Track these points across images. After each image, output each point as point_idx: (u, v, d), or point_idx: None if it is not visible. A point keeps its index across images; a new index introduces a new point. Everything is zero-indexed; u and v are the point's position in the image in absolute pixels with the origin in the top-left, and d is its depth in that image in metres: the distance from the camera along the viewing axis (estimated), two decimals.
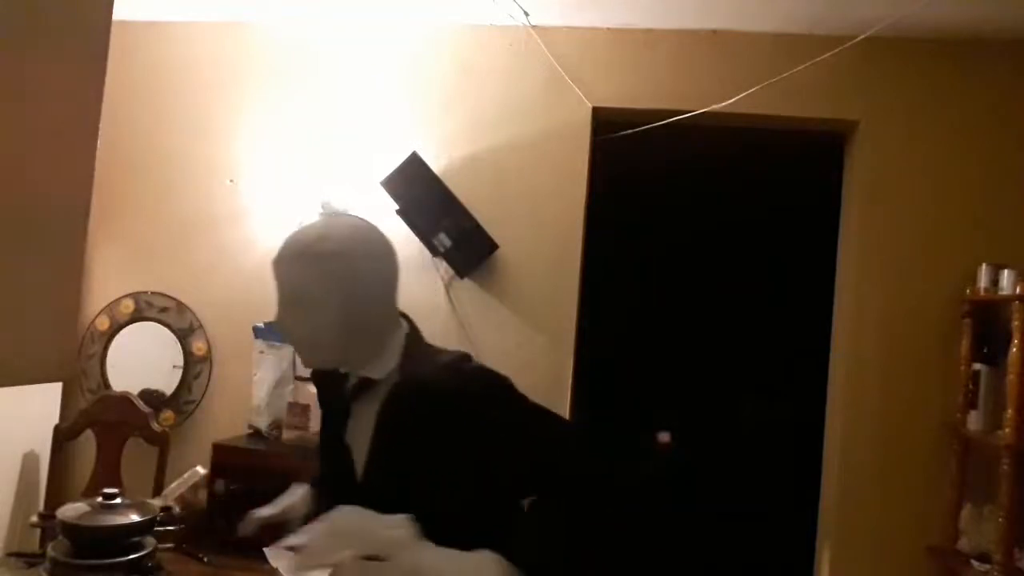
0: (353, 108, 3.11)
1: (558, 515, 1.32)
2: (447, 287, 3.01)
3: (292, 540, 1.22)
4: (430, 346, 1.41)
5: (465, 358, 1.37)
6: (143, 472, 2.78)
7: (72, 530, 1.73)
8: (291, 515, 1.51)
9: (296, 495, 1.56)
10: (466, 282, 3.00)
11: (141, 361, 3.20)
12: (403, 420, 1.31)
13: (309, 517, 1.50)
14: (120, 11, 1.09)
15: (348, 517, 1.19)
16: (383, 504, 1.27)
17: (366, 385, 1.37)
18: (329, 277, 1.29)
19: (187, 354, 3.18)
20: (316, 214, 3.04)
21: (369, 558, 1.16)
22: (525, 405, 1.34)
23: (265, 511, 1.50)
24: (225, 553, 2.04)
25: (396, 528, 1.17)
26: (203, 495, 2.66)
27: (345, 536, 1.17)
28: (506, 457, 1.28)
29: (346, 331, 1.32)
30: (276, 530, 1.48)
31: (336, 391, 1.44)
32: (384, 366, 1.35)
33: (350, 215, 1.42)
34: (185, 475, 2.36)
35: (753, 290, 4.73)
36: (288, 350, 2.92)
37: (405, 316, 1.43)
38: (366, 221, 1.38)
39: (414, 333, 1.41)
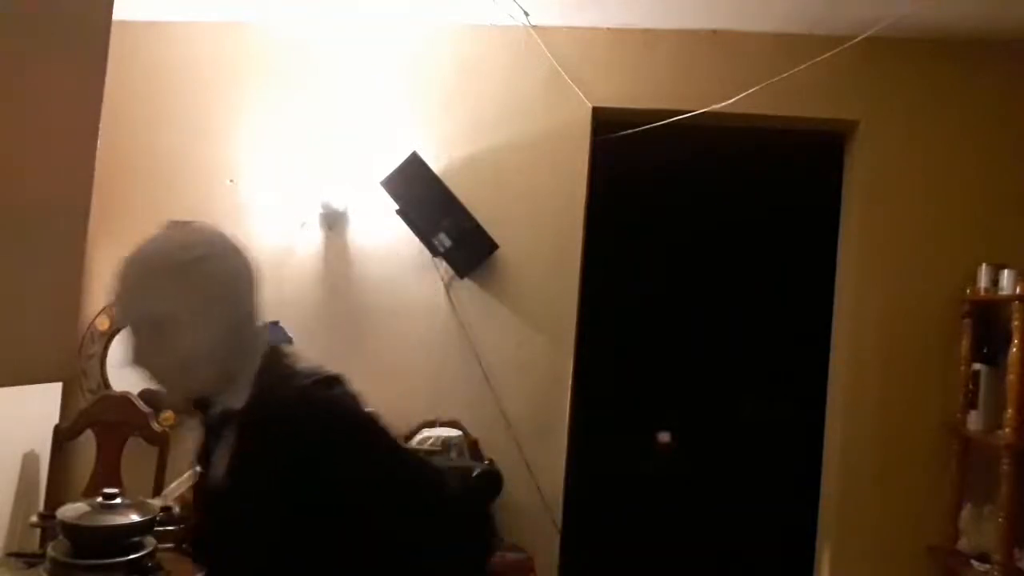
0: (353, 108, 3.11)
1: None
2: (447, 287, 3.01)
3: None
4: (288, 367, 1.20)
5: (324, 383, 1.16)
6: (143, 472, 2.78)
7: (72, 530, 1.73)
8: None
9: None
10: (466, 282, 3.00)
11: None
12: (243, 458, 1.14)
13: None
14: (120, 11, 1.09)
15: None
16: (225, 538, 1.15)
17: (228, 417, 1.17)
18: (198, 287, 1.12)
19: None
20: (319, 214, 3.05)
21: None
22: (369, 451, 1.14)
23: None
24: None
25: None
26: None
27: None
28: (336, 504, 1.10)
29: (216, 347, 1.14)
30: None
31: (206, 425, 1.24)
32: (242, 393, 1.16)
33: (196, 222, 1.26)
34: (185, 475, 2.36)
35: (753, 290, 4.73)
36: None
37: (274, 323, 1.30)
38: (214, 227, 1.22)
39: (273, 351, 1.21)
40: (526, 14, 2.91)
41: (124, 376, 3.17)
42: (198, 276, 1.13)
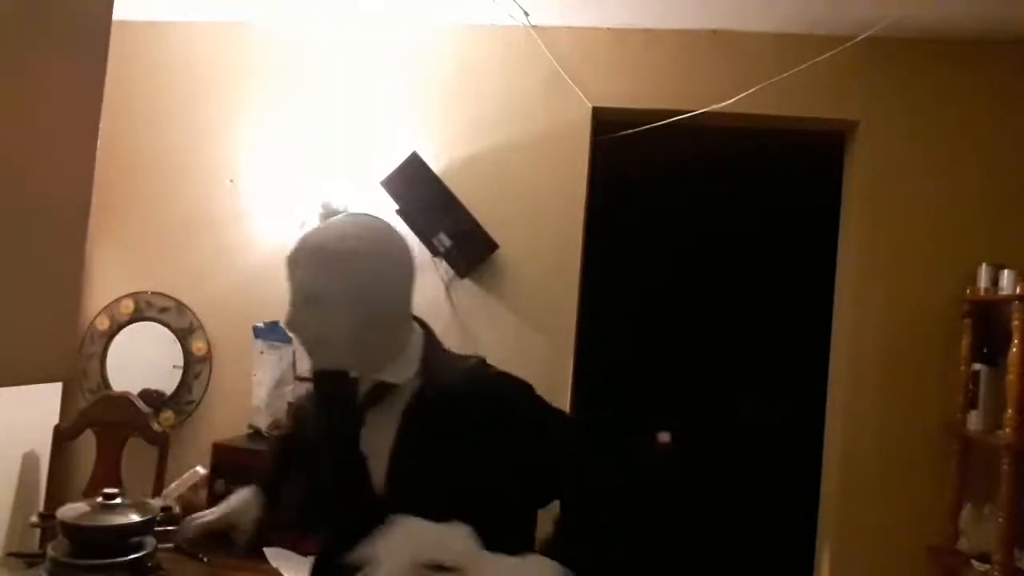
0: (353, 108, 3.11)
1: (592, 516, 1.28)
2: (447, 287, 3.01)
3: (357, 554, 1.13)
4: (447, 350, 1.39)
5: (484, 363, 1.36)
6: (143, 472, 2.78)
7: (72, 530, 1.73)
8: (234, 521, 1.50)
9: (239, 500, 1.54)
10: (466, 282, 3.00)
11: (141, 361, 3.20)
12: (434, 427, 1.28)
13: (256, 523, 1.48)
14: (120, 11, 1.09)
15: (413, 527, 1.13)
16: (408, 513, 1.21)
17: (382, 390, 1.32)
18: (345, 276, 1.26)
19: (187, 354, 3.18)
20: (319, 214, 3.05)
21: (434, 568, 1.10)
22: (548, 408, 1.34)
23: (207, 517, 1.50)
24: (225, 553, 2.04)
25: (463, 538, 1.12)
26: (203, 495, 2.66)
27: (413, 546, 1.10)
28: (535, 461, 1.28)
29: (360, 331, 1.28)
30: (220, 535, 1.47)
31: (343, 397, 1.37)
32: (403, 371, 1.32)
33: (370, 215, 1.38)
34: (185, 475, 2.37)
35: (753, 290, 4.73)
36: (288, 350, 2.92)
37: (418, 319, 1.39)
38: (384, 222, 1.35)
39: (430, 337, 1.39)
40: (526, 14, 2.91)
41: (124, 376, 3.19)
42: (346, 264, 1.26)
